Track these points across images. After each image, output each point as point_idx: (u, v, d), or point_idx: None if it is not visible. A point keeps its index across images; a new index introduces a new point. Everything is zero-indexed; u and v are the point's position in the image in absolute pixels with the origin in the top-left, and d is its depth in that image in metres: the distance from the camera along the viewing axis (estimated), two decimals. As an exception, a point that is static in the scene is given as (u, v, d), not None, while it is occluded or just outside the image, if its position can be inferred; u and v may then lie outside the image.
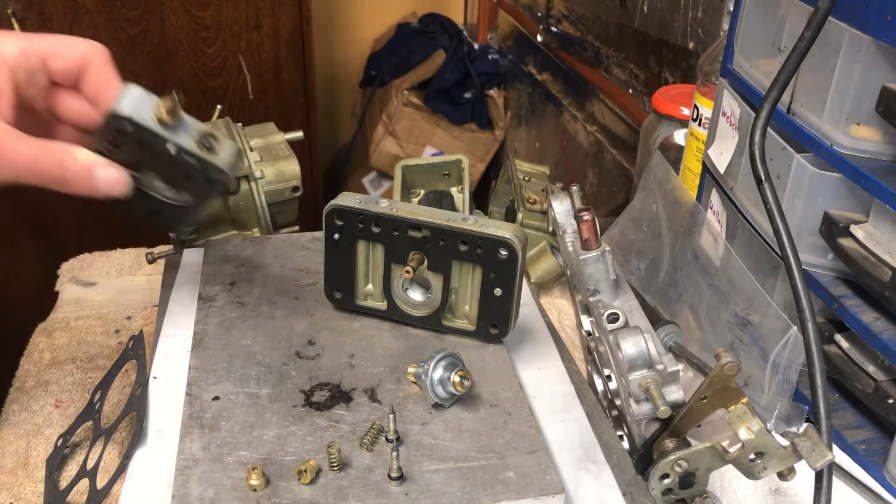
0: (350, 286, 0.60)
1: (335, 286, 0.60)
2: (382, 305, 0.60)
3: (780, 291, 0.62)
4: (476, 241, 0.54)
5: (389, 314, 0.60)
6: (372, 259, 0.59)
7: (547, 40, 1.87)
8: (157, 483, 0.48)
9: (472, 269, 0.56)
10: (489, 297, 0.56)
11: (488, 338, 0.58)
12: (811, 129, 0.58)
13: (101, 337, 0.72)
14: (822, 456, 0.43)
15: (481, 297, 0.56)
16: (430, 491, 0.45)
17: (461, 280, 0.57)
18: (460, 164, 0.88)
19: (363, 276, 0.60)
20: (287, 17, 2.01)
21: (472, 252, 0.55)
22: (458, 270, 0.57)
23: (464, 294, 0.58)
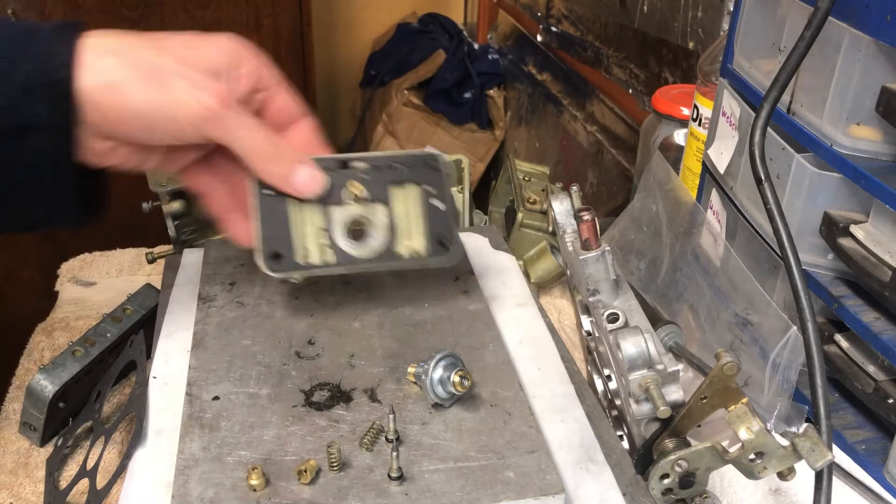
0: (288, 246, 0.56)
1: (273, 249, 0.55)
2: (330, 258, 0.57)
3: (780, 291, 0.62)
4: (406, 159, 0.58)
5: (339, 264, 0.56)
6: (307, 210, 0.56)
7: (547, 40, 1.87)
8: (157, 483, 0.48)
9: (407, 193, 0.58)
10: (432, 212, 0.58)
11: (440, 258, 0.58)
12: (811, 129, 0.58)
13: (101, 337, 0.72)
14: (822, 456, 0.43)
15: (424, 217, 0.58)
16: (430, 491, 0.45)
17: (402, 206, 0.58)
18: (460, 164, 0.88)
19: (300, 232, 0.56)
20: (287, 17, 2.01)
21: (405, 171, 0.58)
22: (397, 197, 0.58)
23: (406, 224, 0.58)
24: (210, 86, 0.48)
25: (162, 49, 0.48)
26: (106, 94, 0.46)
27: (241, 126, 0.49)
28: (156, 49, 0.48)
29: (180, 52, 0.48)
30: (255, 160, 0.51)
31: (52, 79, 0.45)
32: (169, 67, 0.47)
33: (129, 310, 0.65)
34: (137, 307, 0.65)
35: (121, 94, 0.46)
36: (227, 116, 0.48)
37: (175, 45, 0.49)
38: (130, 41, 0.48)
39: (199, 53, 0.49)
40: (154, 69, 0.47)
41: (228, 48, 0.50)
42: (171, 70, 0.47)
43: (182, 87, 0.47)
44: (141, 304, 0.66)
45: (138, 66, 0.47)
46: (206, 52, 0.49)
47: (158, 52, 0.48)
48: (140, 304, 0.66)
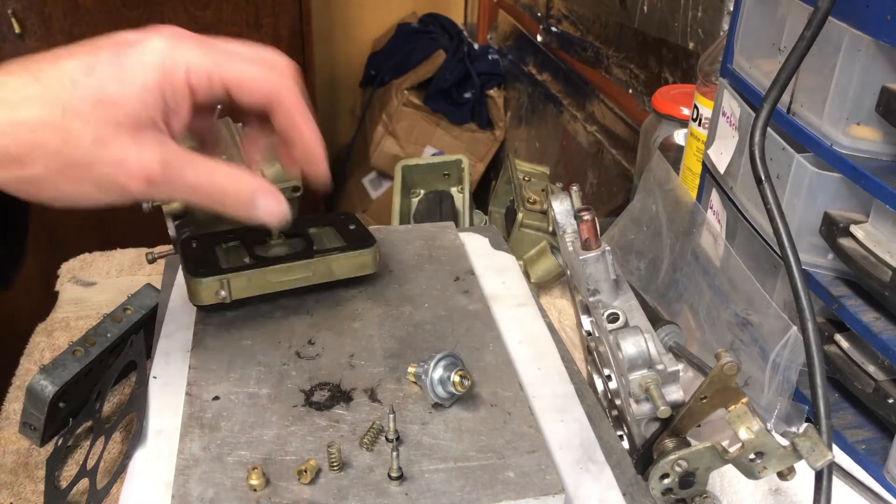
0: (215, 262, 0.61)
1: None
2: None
3: (780, 291, 0.62)
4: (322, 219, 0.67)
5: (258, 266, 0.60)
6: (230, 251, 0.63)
7: (547, 40, 1.87)
8: (157, 483, 0.48)
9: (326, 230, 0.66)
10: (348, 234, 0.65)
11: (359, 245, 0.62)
12: (811, 129, 0.58)
13: (101, 337, 0.72)
14: (822, 456, 0.43)
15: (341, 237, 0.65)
16: (430, 491, 0.45)
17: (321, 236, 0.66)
18: (460, 164, 0.88)
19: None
20: (287, 17, 2.01)
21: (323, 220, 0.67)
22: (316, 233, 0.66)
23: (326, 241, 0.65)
24: (133, 164, 0.41)
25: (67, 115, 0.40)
26: (25, 187, 0.41)
27: (183, 181, 0.44)
28: (61, 120, 0.40)
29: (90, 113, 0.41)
30: (209, 204, 0.46)
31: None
32: (82, 153, 0.40)
33: (130, 310, 0.65)
34: (137, 307, 0.65)
35: (44, 189, 0.42)
36: (162, 183, 0.42)
37: (86, 105, 0.41)
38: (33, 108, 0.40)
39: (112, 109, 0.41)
40: (67, 162, 0.41)
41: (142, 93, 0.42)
42: (86, 156, 0.41)
43: (103, 177, 0.41)
44: (141, 304, 0.66)
45: (50, 159, 0.40)
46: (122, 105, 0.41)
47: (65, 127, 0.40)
48: (140, 304, 0.66)
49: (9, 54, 1.89)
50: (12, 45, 1.77)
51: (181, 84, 0.43)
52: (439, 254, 0.69)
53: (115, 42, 0.43)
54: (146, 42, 0.43)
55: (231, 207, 0.46)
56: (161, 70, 0.42)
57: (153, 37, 0.43)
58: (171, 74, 0.43)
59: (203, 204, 0.45)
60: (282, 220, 0.47)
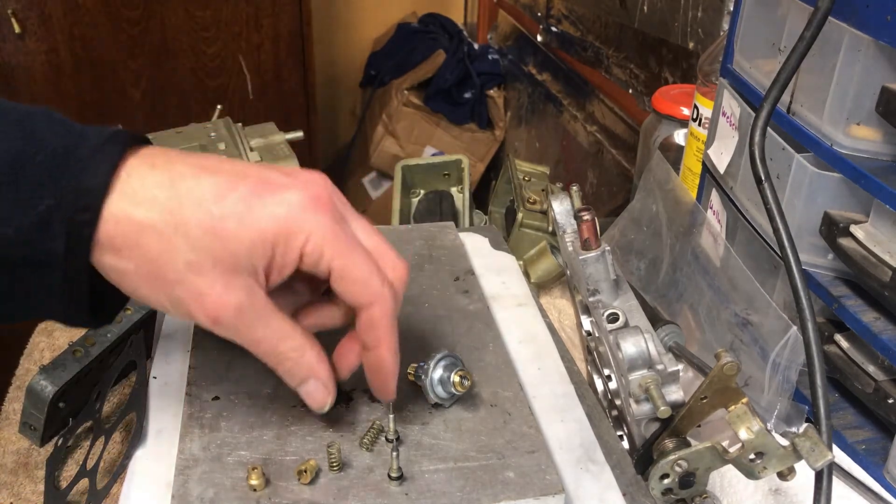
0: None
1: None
2: None
3: (780, 291, 0.62)
4: None
5: None
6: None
7: (547, 40, 1.87)
8: (157, 483, 0.48)
9: None
10: None
11: None
12: (811, 129, 0.58)
13: (101, 337, 0.72)
14: (822, 456, 0.43)
15: None
16: (430, 491, 0.45)
17: None
18: (460, 164, 0.88)
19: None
20: (287, 17, 2.01)
21: None
22: None
23: None
24: (212, 299, 0.41)
25: (178, 230, 0.41)
26: (113, 274, 0.42)
27: (250, 334, 0.43)
28: (169, 232, 0.41)
29: (199, 239, 0.41)
30: (264, 360, 0.46)
31: (75, 220, 0.40)
32: (173, 269, 0.41)
33: (130, 310, 0.65)
34: (137, 307, 0.65)
35: (126, 282, 0.42)
36: (228, 328, 0.42)
37: (199, 230, 0.41)
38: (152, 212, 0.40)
39: (221, 246, 0.41)
40: (157, 272, 0.41)
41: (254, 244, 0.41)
42: (175, 273, 0.41)
43: (179, 298, 0.41)
44: (141, 304, 0.66)
45: (141, 264, 0.41)
46: (231, 245, 0.41)
47: (169, 240, 0.41)
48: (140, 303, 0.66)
49: (9, 54, 1.89)
50: (12, 45, 1.77)
51: (295, 249, 0.42)
52: (439, 254, 0.69)
53: (260, 178, 0.42)
54: (285, 192, 0.42)
55: (282, 374, 0.46)
56: (284, 228, 0.42)
57: (294, 190, 0.42)
58: (290, 237, 0.42)
59: (257, 356, 0.45)
60: (321, 409, 0.47)
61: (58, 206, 0.39)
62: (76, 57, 1.84)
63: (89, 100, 1.89)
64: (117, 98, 1.92)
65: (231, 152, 0.74)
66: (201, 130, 0.78)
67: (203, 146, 0.75)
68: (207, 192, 0.41)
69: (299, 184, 0.43)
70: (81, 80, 1.86)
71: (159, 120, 1.96)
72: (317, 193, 0.43)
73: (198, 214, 0.41)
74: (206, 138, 0.77)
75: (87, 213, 0.40)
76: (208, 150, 0.75)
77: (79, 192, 0.39)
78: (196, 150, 0.75)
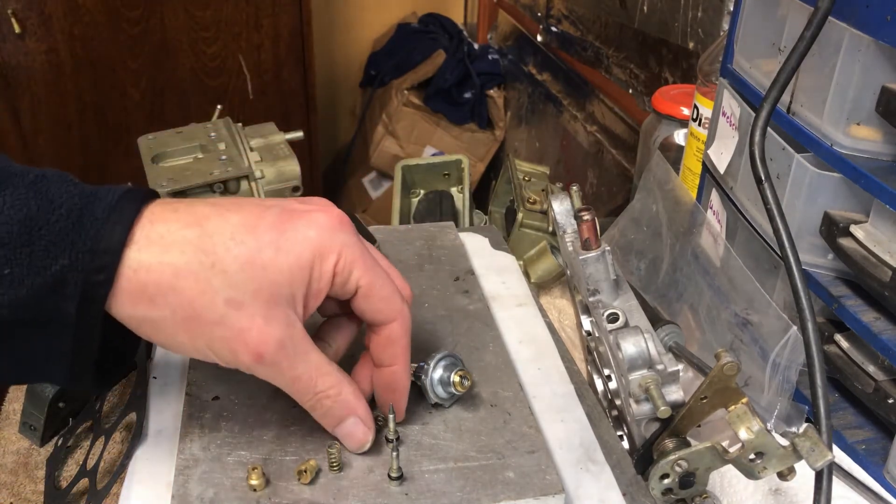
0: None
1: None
2: None
3: (780, 291, 0.62)
4: None
5: None
6: None
7: (547, 40, 1.87)
8: (157, 483, 0.48)
9: None
10: None
11: None
12: (811, 129, 0.58)
13: (101, 337, 0.72)
14: (822, 456, 0.43)
15: None
16: (430, 491, 0.45)
17: None
18: (460, 164, 0.88)
19: None
20: (287, 17, 2.01)
21: None
22: None
23: None
24: (254, 335, 0.41)
25: (213, 269, 0.40)
26: (146, 326, 0.41)
27: (291, 370, 0.43)
28: (206, 272, 0.40)
29: (235, 274, 0.40)
30: (300, 400, 0.45)
31: (89, 281, 0.39)
32: (212, 309, 0.40)
33: None
34: None
35: (162, 332, 0.41)
36: (271, 365, 0.42)
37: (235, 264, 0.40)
38: (184, 254, 0.40)
39: (260, 276, 0.41)
40: (195, 313, 0.40)
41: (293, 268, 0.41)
42: (214, 313, 0.40)
43: (220, 339, 0.41)
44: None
45: (177, 309, 0.40)
46: (270, 273, 0.41)
47: (207, 280, 0.40)
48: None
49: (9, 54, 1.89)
50: (12, 45, 1.77)
51: (329, 269, 0.42)
52: (439, 254, 0.69)
53: (283, 208, 0.42)
54: (312, 216, 0.42)
55: (320, 416, 0.46)
56: (318, 248, 0.42)
57: (318, 213, 0.43)
58: (324, 258, 0.42)
59: (294, 396, 0.45)
60: (361, 448, 0.47)
61: (72, 266, 0.39)
62: (76, 57, 1.84)
63: (89, 100, 1.89)
64: (117, 98, 1.92)
65: (231, 152, 0.74)
66: (201, 130, 0.78)
67: (203, 146, 0.75)
68: (237, 226, 0.41)
69: (320, 208, 0.43)
70: (81, 80, 1.87)
71: (159, 120, 1.96)
72: (338, 214, 0.43)
73: (233, 250, 0.40)
74: (205, 138, 0.77)
75: (103, 274, 0.39)
76: (208, 150, 0.75)
77: (94, 253, 0.39)
78: (196, 150, 0.75)
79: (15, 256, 0.38)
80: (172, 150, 0.75)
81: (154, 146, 0.75)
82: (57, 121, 1.88)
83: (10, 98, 1.81)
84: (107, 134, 1.94)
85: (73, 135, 1.91)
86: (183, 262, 0.40)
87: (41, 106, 1.85)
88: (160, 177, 0.71)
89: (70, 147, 1.92)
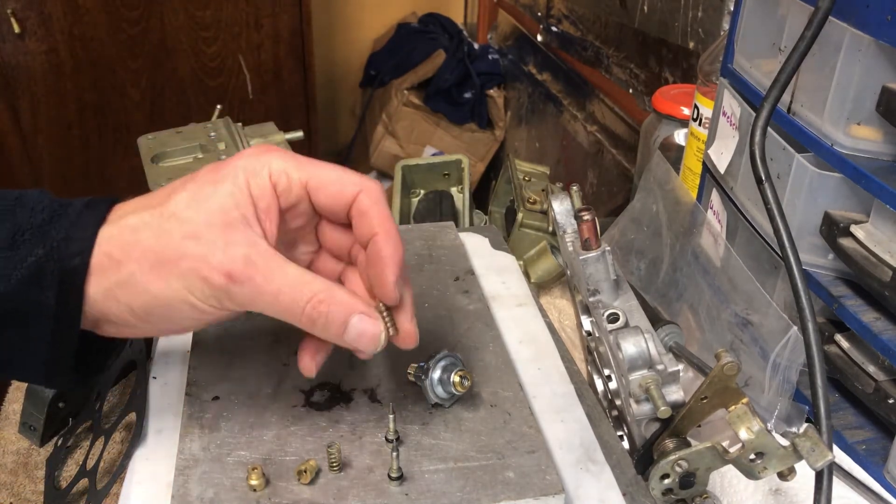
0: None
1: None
2: None
3: (780, 291, 0.62)
4: None
5: None
6: None
7: (547, 40, 1.87)
8: (157, 483, 0.48)
9: None
10: None
11: None
12: (811, 129, 0.58)
13: (101, 337, 0.72)
14: (823, 456, 0.43)
15: None
16: (430, 491, 0.45)
17: None
18: (460, 164, 0.88)
19: None
20: (287, 17, 2.01)
21: None
22: None
23: None
24: (217, 256, 0.42)
25: (166, 218, 0.42)
26: (119, 291, 0.42)
27: (268, 284, 0.42)
28: (160, 222, 0.42)
29: (185, 213, 0.42)
30: (293, 318, 0.44)
31: (65, 267, 0.41)
32: (172, 247, 0.42)
33: None
34: None
35: (135, 289, 0.42)
36: (244, 282, 0.42)
37: (181, 204, 0.43)
38: (142, 218, 0.43)
39: (206, 206, 0.43)
40: (158, 257, 0.42)
41: (233, 191, 0.43)
42: (175, 250, 0.42)
43: (188, 271, 0.42)
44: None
45: (142, 259, 0.42)
46: (214, 202, 0.43)
47: (161, 227, 0.42)
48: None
49: (9, 54, 1.89)
50: (12, 45, 1.77)
51: (265, 184, 0.44)
52: (439, 254, 0.69)
53: (218, 162, 0.46)
54: (240, 153, 0.45)
55: (321, 327, 0.44)
56: (246, 171, 0.44)
57: (245, 150, 0.46)
58: (257, 175, 0.44)
59: (287, 317, 0.44)
60: (376, 345, 0.45)
61: (48, 256, 0.41)
62: (76, 57, 1.84)
63: (89, 100, 1.89)
64: (117, 98, 1.92)
65: (231, 152, 0.74)
66: (201, 130, 0.78)
67: (203, 146, 0.75)
68: (180, 182, 0.44)
69: (249, 148, 0.47)
70: (81, 80, 1.86)
71: (159, 120, 1.96)
72: (264, 145, 0.46)
73: (177, 197, 0.43)
74: (205, 138, 0.77)
75: (78, 259, 0.41)
76: (208, 150, 0.75)
77: (69, 240, 0.42)
78: (196, 149, 0.75)
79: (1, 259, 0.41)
80: (172, 150, 0.75)
81: (154, 146, 0.75)
82: (57, 121, 1.88)
83: (10, 98, 1.81)
84: (107, 134, 1.94)
85: (72, 135, 1.91)
86: (138, 220, 0.43)
87: (41, 106, 1.85)
88: (160, 176, 0.71)
89: (70, 147, 1.92)
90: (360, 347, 0.45)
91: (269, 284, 0.42)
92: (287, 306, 0.43)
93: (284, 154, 0.45)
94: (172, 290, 0.42)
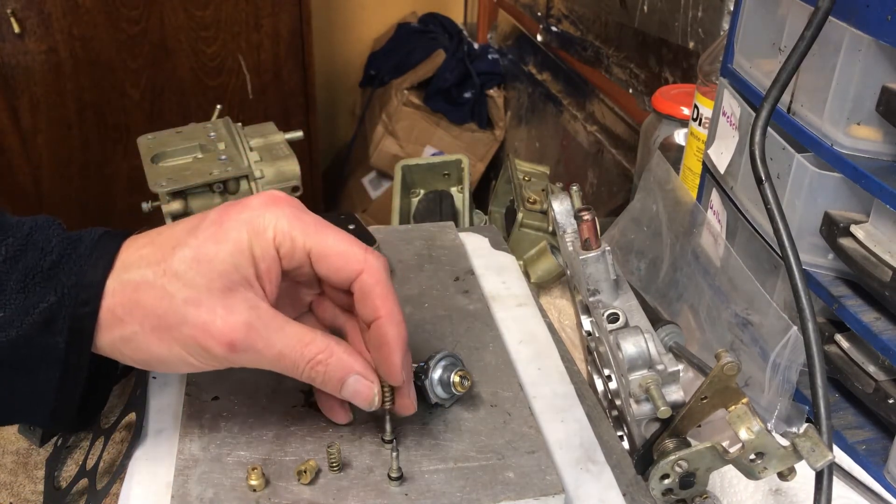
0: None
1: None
2: None
3: (780, 291, 0.62)
4: None
5: None
6: None
7: (547, 40, 1.87)
8: (156, 483, 0.48)
9: None
10: None
11: None
12: (811, 129, 0.58)
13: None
14: (823, 456, 0.43)
15: None
16: (430, 491, 0.45)
17: None
18: (460, 164, 0.88)
19: None
20: (287, 17, 2.00)
21: None
22: None
23: None
24: (218, 325, 0.41)
25: (168, 279, 0.42)
26: (122, 346, 0.43)
27: (270, 348, 0.43)
28: (162, 282, 0.42)
29: (187, 274, 0.42)
30: (296, 375, 0.45)
31: (76, 314, 0.42)
32: (173, 311, 0.42)
33: None
34: None
35: (136, 348, 0.43)
36: (246, 349, 0.42)
37: (183, 264, 0.42)
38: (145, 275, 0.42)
39: (207, 269, 0.42)
40: (160, 321, 0.42)
41: (234, 252, 0.42)
42: (176, 314, 0.42)
43: (188, 338, 0.42)
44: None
45: (144, 321, 0.42)
46: (215, 265, 0.42)
47: (164, 288, 0.42)
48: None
49: (9, 54, 1.89)
50: (12, 45, 1.77)
51: (268, 245, 0.43)
52: (439, 254, 0.69)
53: (224, 206, 0.44)
54: (246, 202, 0.44)
55: (321, 384, 0.45)
56: (253, 227, 0.43)
57: (254, 198, 0.44)
58: (260, 236, 0.43)
59: (288, 374, 0.44)
60: (371, 404, 0.46)
61: (60, 302, 0.41)
62: (76, 57, 1.84)
63: (89, 100, 1.89)
64: (117, 98, 1.92)
65: (230, 152, 0.74)
66: (201, 130, 0.78)
67: (203, 146, 0.75)
68: (182, 232, 0.43)
69: (258, 195, 0.45)
70: (81, 80, 1.86)
71: (159, 120, 1.96)
72: (273, 194, 0.45)
73: (179, 253, 0.42)
74: (205, 138, 0.76)
75: (88, 306, 0.42)
76: (208, 150, 0.75)
77: (80, 287, 0.42)
78: (196, 149, 0.75)
79: (10, 301, 0.41)
80: (172, 150, 0.75)
81: (154, 146, 0.75)
82: (57, 121, 1.88)
83: (9, 98, 1.81)
84: (106, 134, 1.94)
85: (72, 135, 1.91)
86: (140, 277, 0.42)
87: (41, 106, 1.85)
88: (160, 177, 0.71)
89: (70, 147, 1.92)
90: (356, 404, 0.47)
91: (270, 350, 0.43)
92: (287, 368, 0.44)
93: (292, 214, 0.44)
94: (174, 354, 0.43)
